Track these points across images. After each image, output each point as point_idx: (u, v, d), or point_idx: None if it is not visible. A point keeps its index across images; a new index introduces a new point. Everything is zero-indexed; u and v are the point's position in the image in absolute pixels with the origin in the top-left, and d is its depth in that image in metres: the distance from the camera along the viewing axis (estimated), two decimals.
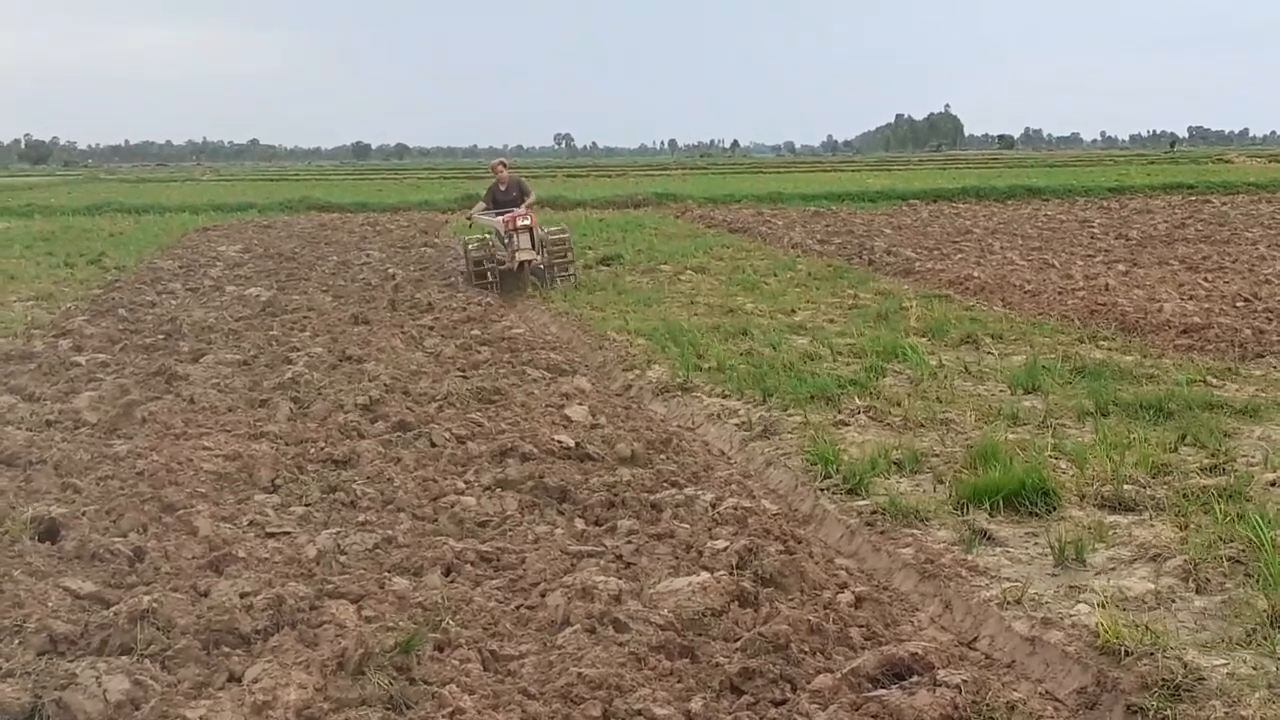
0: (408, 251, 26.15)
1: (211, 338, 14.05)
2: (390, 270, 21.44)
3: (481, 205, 20.51)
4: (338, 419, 9.61)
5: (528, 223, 18.83)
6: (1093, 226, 28.73)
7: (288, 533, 6.92)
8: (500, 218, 19.01)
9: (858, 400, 10.01)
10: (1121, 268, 19.37)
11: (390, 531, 6.93)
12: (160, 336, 14.12)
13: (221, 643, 5.25)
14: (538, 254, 18.91)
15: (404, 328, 14.62)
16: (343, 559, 6.49)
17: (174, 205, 43.90)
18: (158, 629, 5.26)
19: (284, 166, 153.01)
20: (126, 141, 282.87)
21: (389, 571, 6.29)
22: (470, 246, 19.47)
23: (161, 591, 5.70)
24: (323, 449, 8.72)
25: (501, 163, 21.20)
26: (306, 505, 7.53)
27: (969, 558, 6.45)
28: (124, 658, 5.03)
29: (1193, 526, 6.66)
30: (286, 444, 8.93)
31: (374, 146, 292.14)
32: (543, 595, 5.89)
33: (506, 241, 18.84)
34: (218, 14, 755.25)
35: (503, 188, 20.10)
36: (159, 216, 39.06)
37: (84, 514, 7.03)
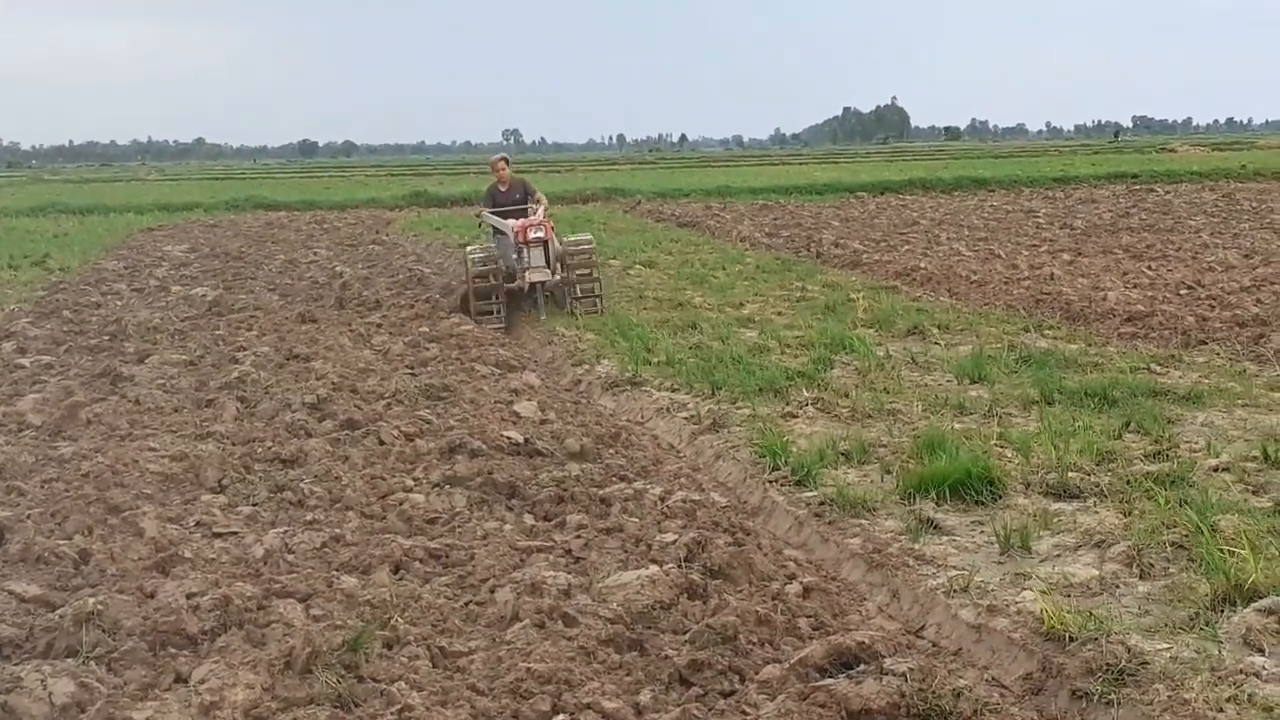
0: (355, 249, 26.00)
1: (157, 338, 13.91)
2: (338, 268, 21.30)
3: (485, 211, 17.19)
4: (285, 418, 9.55)
5: (542, 234, 15.46)
6: (1038, 216, 28.97)
7: (235, 533, 6.87)
8: (512, 223, 15.69)
9: (806, 392, 10.05)
10: (1066, 257, 19.54)
11: (338, 530, 6.90)
12: (105, 338, 13.98)
13: (168, 644, 5.21)
14: (554, 273, 15.69)
15: (352, 326, 14.54)
16: (290, 558, 6.46)
17: (119, 205, 43.46)
18: (104, 631, 5.22)
19: (230, 165, 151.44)
20: (71, 142, 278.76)
21: (337, 570, 6.25)
22: (473, 261, 15.76)
23: (107, 593, 5.65)
24: (270, 448, 8.66)
25: (503, 159, 17.57)
26: (254, 505, 7.47)
27: (916, 547, 6.50)
28: (70, 660, 4.99)
29: (1136, 513, 6.73)
30: (233, 444, 8.86)
31: (321, 144, 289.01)
32: (492, 591, 5.88)
33: (515, 256, 15.55)
34: (162, 11, 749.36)
35: (503, 188, 17.02)
36: (104, 217, 38.68)
37: (29, 517, 6.95)
